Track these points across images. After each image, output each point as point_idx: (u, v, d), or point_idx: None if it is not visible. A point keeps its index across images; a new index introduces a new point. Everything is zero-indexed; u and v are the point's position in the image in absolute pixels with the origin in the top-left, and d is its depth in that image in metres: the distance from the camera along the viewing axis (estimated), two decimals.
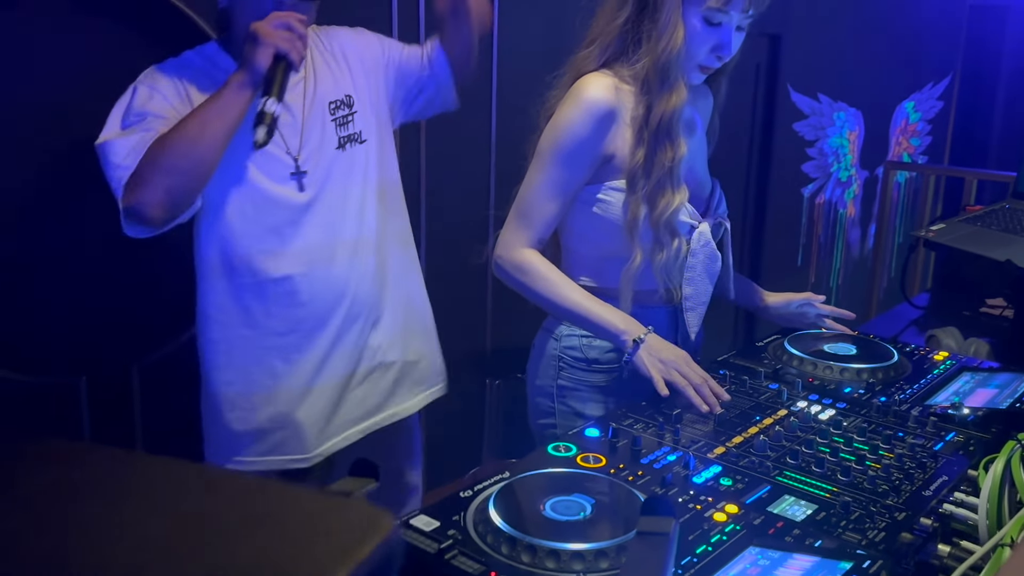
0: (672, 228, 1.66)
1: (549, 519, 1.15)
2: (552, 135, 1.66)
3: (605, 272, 1.72)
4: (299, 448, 1.77)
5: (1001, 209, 2.21)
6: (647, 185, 1.64)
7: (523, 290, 1.71)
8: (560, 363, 1.75)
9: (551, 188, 1.67)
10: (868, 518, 1.19)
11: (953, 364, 1.76)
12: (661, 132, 1.63)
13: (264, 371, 1.83)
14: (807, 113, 4.55)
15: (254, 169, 1.75)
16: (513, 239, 1.69)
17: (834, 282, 5.03)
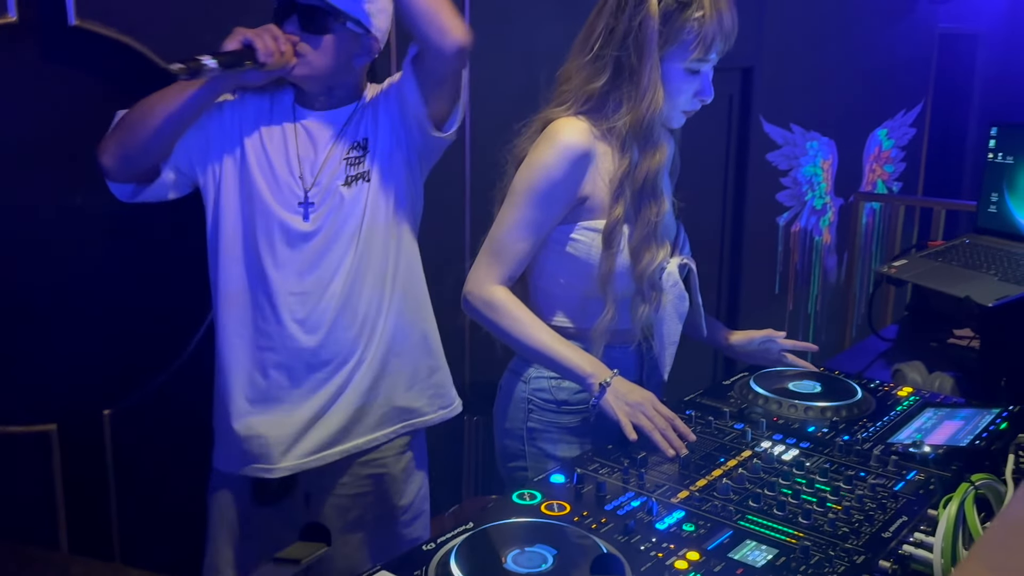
0: (655, 282, 1.69)
1: (510, 572, 1.15)
2: (526, 176, 1.68)
3: (575, 312, 1.74)
4: (267, 460, 1.87)
5: (961, 244, 2.25)
6: (632, 240, 1.67)
7: (491, 327, 1.72)
8: (529, 405, 1.76)
9: (524, 228, 1.68)
10: (827, 562, 1.20)
11: (917, 400, 1.77)
12: (646, 190, 1.67)
13: (247, 382, 1.90)
14: (780, 143, 4.60)
15: (269, 193, 1.86)
16: (484, 276, 1.70)
17: (812, 309, 5.06)
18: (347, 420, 1.88)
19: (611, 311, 1.70)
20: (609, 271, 1.67)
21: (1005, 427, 1.59)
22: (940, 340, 2.39)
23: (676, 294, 1.74)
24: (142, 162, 1.86)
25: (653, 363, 1.81)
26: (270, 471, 1.87)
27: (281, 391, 1.87)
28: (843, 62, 4.85)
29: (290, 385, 1.86)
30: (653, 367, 1.81)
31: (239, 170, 1.89)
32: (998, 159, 2.18)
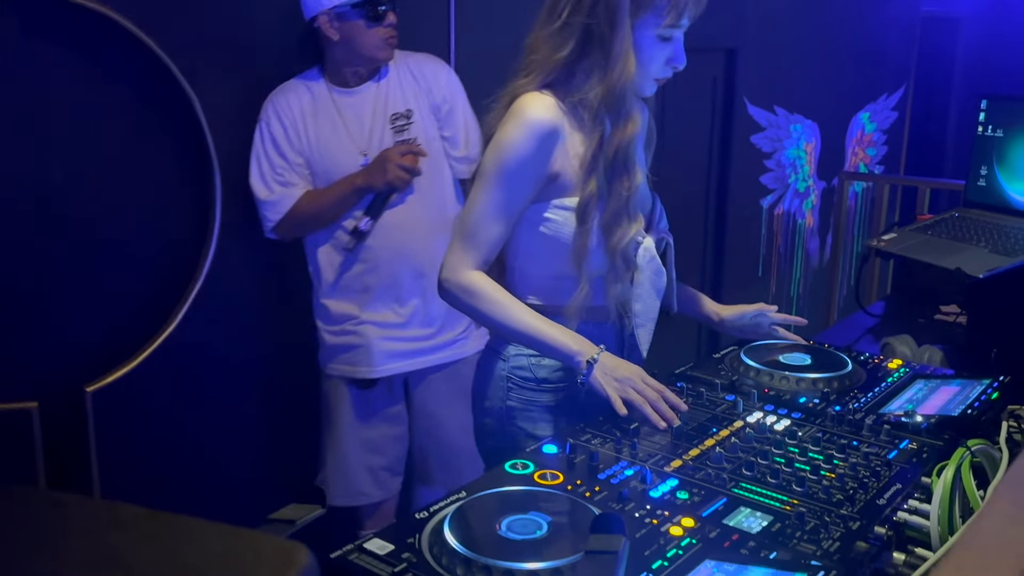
0: (628, 258, 1.66)
1: (504, 539, 1.14)
2: (495, 155, 1.64)
3: (553, 291, 1.71)
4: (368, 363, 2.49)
5: (951, 217, 2.24)
6: (603, 216, 1.64)
7: (471, 312, 1.69)
8: (508, 383, 1.73)
9: (495, 209, 1.64)
10: (823, 528, 1.19)
11: (907, 372, 1.77)
12: (618, 163, 1.62)
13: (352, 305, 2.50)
14: (764, 126, 4.59)
15: (337, 173, 2.44)
16: (458, 261, 1.66)
17: (794, 291, 5.08)
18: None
19: (585, 288, 1.66)
20: (583, 248, 1.64)
21: (996, 397, 1.59)
22: (927, 316, 2.40)
23: (653, 269, 1.71)
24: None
25: (634, 341, 1.77)
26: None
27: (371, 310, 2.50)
28: (827, 44, 4.85)
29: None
30: (634, 344, 1.78)
31: (311, 162, 2.45)
32: (987, 132, 2.18)
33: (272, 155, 2.42)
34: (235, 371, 2.56)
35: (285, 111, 2.41)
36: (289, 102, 2.41)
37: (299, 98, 2.42)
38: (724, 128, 4.33)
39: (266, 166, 2.42)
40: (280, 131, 2.41)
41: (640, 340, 1.73)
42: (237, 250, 2.49)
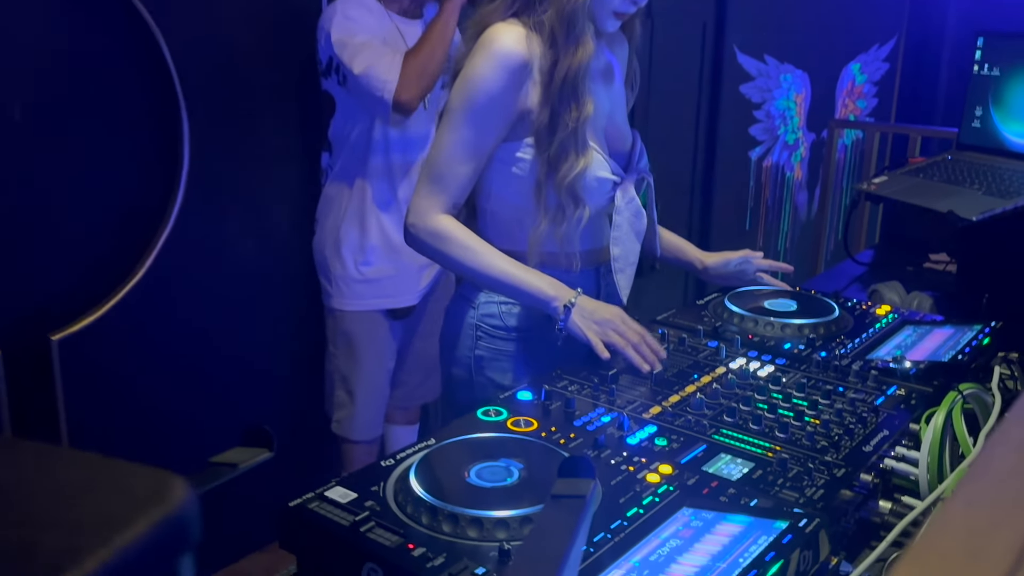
0: (575, 194, 1.56)
1: (473, 486, 1.08)
2: (462, 91, 1.55)
3: (525, 236, 1.62)
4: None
5: (944, 160, 2.18)
6: (551, 147, 1.54)
7: (441, 259, 1.61)
8: (478, 332, 1.66)
9: (464, 149, 1.56)
10: (806, 475, 1.14)
11: (895, 318, 1.72)
12: (566, 89, 1.52)
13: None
14: (754, 75, 4.50)
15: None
16: (426, 205, 1.58)
17: (782, 245, 5.02)
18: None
19: (543, 223, 1.58)
20: (539, 180, 1.56)
21: (988, 343, 1.54)
22: (916, 264, 2.34)
23: (633, 211, 1.63)
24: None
25: (611, 288, 1.70)
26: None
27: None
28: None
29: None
30: (612, 290, 1.71)
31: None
32: (983, 71, 2.10)
33: (363, 34, 2.40)
34: (202, 318, 2.50)
35: (359, 16, 2.42)
36: (361, 13, 2.43)
37: (365, 13, 2.45)
38: (713, 77, 4.23)
39: (359, 42, 2.38)
40: (363, 17, 2.42)
41: (619, 286, 1.66)
42: (206, 196, 2.42)
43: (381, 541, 0.98)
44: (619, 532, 1.01)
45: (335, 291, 2.59)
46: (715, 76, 4.24)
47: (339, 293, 2.59)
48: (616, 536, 1.00)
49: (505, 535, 1.00)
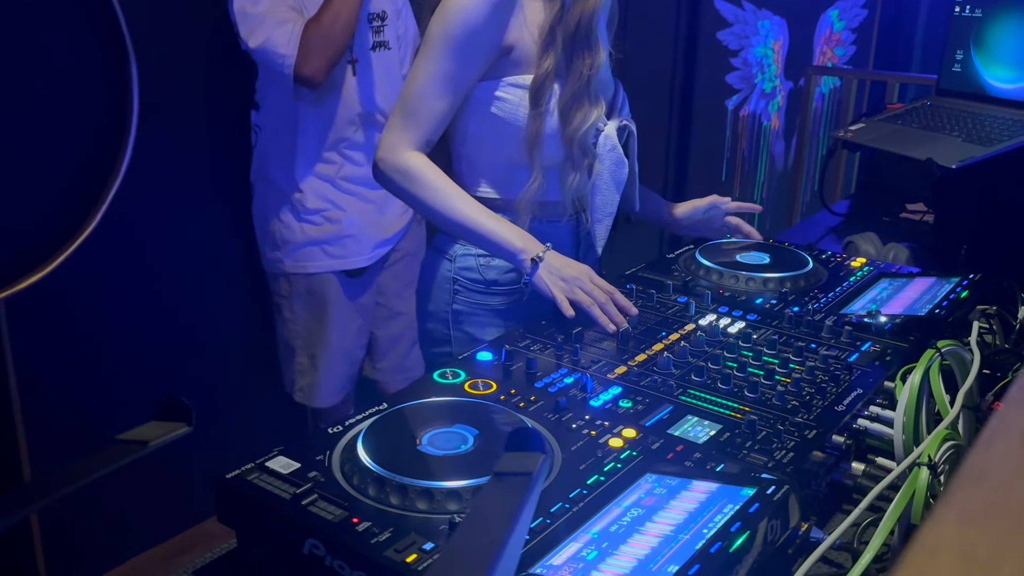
0: (586, 146, 1.51)
1: (424, 455, 1.02)
2: (442, 21, 1.46)
3: (504, 182, 1.56)
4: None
5: (922, 106, 2.11)
6: (561, 97, 1.48)
7: (408, 198, 1.53)
8: (455, 285, 1.60)
9: (441, 83, 1.47)
10: (775, 437, 1.08)
11: (871, 271, 1.66)
12: (580, 37, 1.45)
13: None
14: (731, 21, 4.41)
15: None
16: (397, 140, 1.50)
17: (759, 196, 4.97)
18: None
19: (538, 179, 1.52)
20: (536, 133, 1.49)
21: (966, 295, 1.48)
22: (892, 215, 2.29)
23: (614, 159, 1.56)
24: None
25: (590, 240, 1.64)
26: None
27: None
28: None
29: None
30: (590, 243, 1.65)
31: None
32: (965, 13, 2.02)
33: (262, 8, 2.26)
34: (149, 279, 2.43)
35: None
36: None
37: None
38: (690, 22, 4.13)
39: (260, 10, 2.24)
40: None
41: (596, 236, 1.60)
42: (157, 147, 2.32)
43: (323, 515, 0.92)
44: (578, 502, 0.95)
45: (284, 254, 2.46)
46: (692, 22, 4.14)
47: (289, 256, 2.46)
48: (575, 506, 0.94)
49: (457, 507, 0.94)
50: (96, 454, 0.63)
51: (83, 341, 2.27)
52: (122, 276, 2.34)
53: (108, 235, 2.20)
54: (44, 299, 2.13)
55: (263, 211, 2.47)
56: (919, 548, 0.27)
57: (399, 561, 0.85)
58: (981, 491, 0.29)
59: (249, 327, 2.72)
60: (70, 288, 2.18)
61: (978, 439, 0.34)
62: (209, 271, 2.57)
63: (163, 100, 2.31)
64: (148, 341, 2.44)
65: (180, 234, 2.49)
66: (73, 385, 2.24)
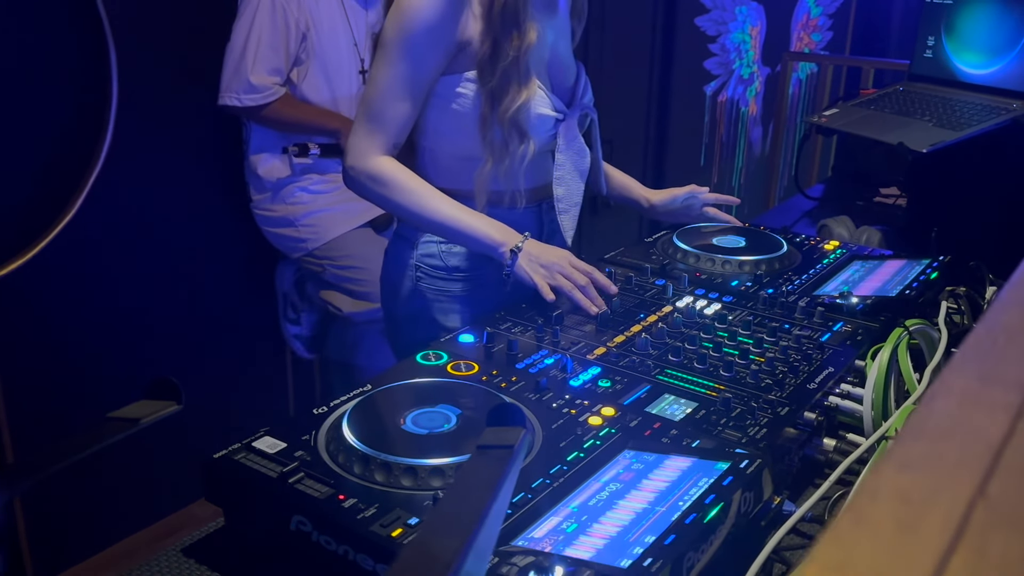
0: (519, 127, 1.49)
1: (408, 433, 1.05)
2: (397, 23, 1.46)
3: (467, 174, 1.56)
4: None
5: (895, 92, 2.14)
6: (493, 79, 1.47)
7: (382, 203, 1.54)
8: (418, 272, 1.61)
9: (402, 85, 1.48)
10: (750, 415, 1.12)
11: (844, 253, 1.70)
12: (507, 16, 1.45)
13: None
14: (709, 7, 4.43)
15: (346, 60, 2.53)
16: (365, 146, 1.50)
17: (736, 181, 5.00)
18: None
19: (490, 162, 1.52)
20: (483, 116, 1.50)
21: (935, 277, 1.52)
22: (866, 199, 2.33)
23: (575, 149, 1.57)
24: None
25: (554, 227, 1.65)
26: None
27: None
28: None
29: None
30: (554, 231, 1.65)
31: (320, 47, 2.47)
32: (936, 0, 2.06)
33: (271, 35, 2.38)
34: (134, 262, 2.43)
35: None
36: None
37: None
38: (668, 8, 4.15)
39: (263, 44, 2.37)
40: (286, 9, 2.37)
41: (563, 227, 1.61)
42: (137, 133, 2.32)
43: (310, 492, 0.95)
44: (558, 477, 0.98)
45: (309, 232, 2.55)
46: (669, 8, 4.16)
47: (313, 231, 2.55)
48: (555, 482, 0.97)
49: (440, 483, 0.96)
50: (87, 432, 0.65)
51: (63, 330, 2.27)
52: (102, 264, 2.34)
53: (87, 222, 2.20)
54: (23, 288, 2.13)
55: (268, 211, 2.58)
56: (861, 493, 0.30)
57: (384, 536, 0.88)
58: (919, 444, 0.32)
59: (231, 312, 2.73)
60: (50, 276, 2.18)
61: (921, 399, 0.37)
62: (190, 258, 2.58)
63: (143, 85, 2.30)
64: (129, 329, 2.44)
65: (161, 221, 2.49)
66: (54, 374, 2.24)
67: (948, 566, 0.26)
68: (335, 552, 0.91)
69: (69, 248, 2.18)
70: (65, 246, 2.16)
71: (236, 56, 2.37)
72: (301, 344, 2.85)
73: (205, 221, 2.61)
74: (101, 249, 2.32)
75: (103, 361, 2.35)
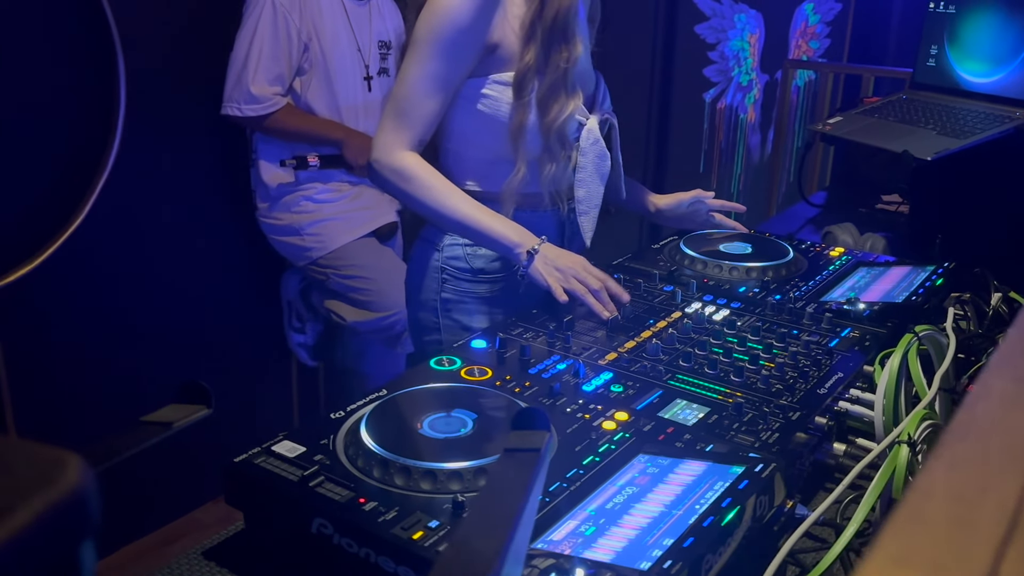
0: (563, 137, 1.54)
1: (426, 437, 1.06)
2: (429, 21, 1.49)
3: (489, 176, 1.59)
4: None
5: (898, 100, 2.16)
6: (539, 89, 1.51)
7: (404, 198, 1.57)
8: (443, 275, 1.63)
9: (431, 82, 1.50)
10: (761, 419, 1.13)
11: (849, 260, 1.72)
12: (556, 30, 1.48)
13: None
14: (708, 15, 4.45)
15: (350, 68, 2.56)
16: (391, 141, 1.53)
17: (735, 188, 5.03)
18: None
19: (522, 170, 1.55)
20: (520, 125, 1.52)
21: (941, 283, 1.54)
22: (868, 205, 2.34)
23: (597, 153, 1.60)
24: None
25: (575, 228, 1.67)
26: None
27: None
28: None
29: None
30: (575, 232, 1.68)
31: (323, 56, 2.49)
32: (939, 9, 2.08)
33: (273, 45, 2.40)
34: (143, 267, 2.44)
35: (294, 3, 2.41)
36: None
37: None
38: (669, 16, 4.17)
39: (265, 54, 2.39)
40: (288, 19, 2.39)
41: (583, 228, 1.63)
42: (144, 141, 2.33)
43: (331, 496, 0.96)
44: (575, 481, 0.99)
45: (314, 241, 2.56)
46: (670, 16, 4.18)
47: (318, 240, 2.56)
48: (572, 485, 0.98)
49: (459, 487, 0.97)
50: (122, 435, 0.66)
51: (70, 336, 2.28)
52: (109, 271, 2.35)
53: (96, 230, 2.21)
54: (31, 294, 2.14)
55: (274, 220, 2.61)
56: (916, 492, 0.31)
57: (406, 538, 0.89)
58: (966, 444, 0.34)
59: (237, 319, 2.74)
60: (57, 283, 2.19)
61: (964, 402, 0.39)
62: (196, 265, 2.59)
63: (151, 93, 2.32)
64: (135, 335, 2.45)
65: (167, 228, 2.50)
66: (61, 380, 2.25)
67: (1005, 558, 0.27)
68: (356, 554, 0.92)
69: (76, 255, 2.19)
70: (72, 253, 2.18)
71: (238, 66, 2.38)
72: (305, 352, 2.86)
73: (211, 229, 2.62)
74: (108, 256, 2.32)
75: (110, 367, 2.36)
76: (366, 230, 2.62)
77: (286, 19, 2.38)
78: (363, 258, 2.59)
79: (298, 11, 2.40)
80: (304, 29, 2.41)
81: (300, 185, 2.53)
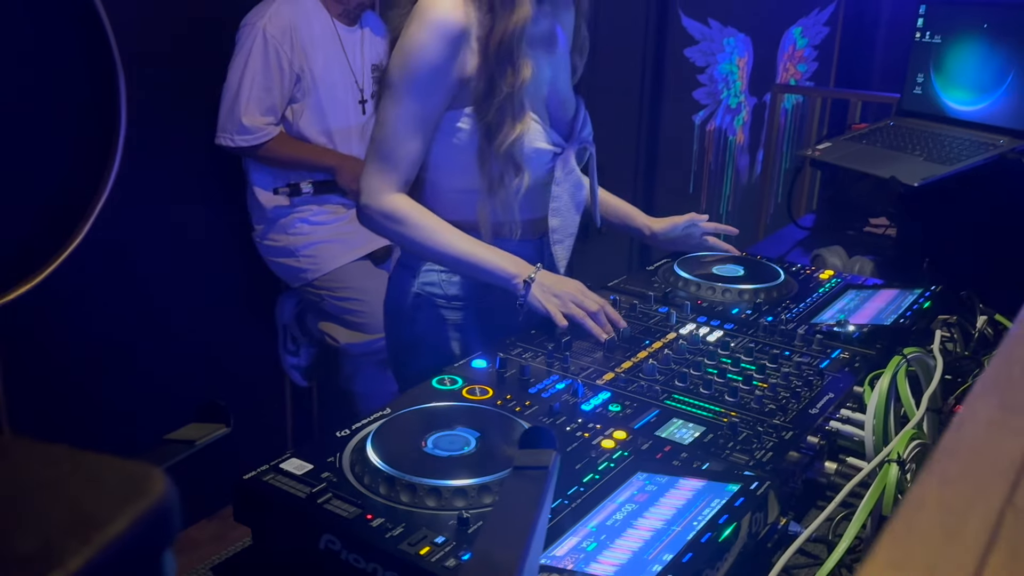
0: (515, 161, 1.53)
1: (430, 455, 1.08)
2: (402, 63, 1.51)
3: (464, 205, 1.60)
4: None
5: (886, 127, 2.22)
6: (488, 112, 1.52)
7: (397, 239, 1.59)
8: (419, 300, 1.65)
9: (410, 123, 1.52)
10: (755, 438, 1.16)
11: (838, 282, 1.76)
12: (503, 54, 1.49)
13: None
14: (697, 39, 4.52)
15: (344, 93, 2.60)
16: (377, 185, 1.54)
17: (724, 209, 5.08)
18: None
19: (487, 193, 1.56)
20: (478, 150, 1.54)
21: (928, 306, 1.58)
22: (856, 229, 2.39)
23: (573, 182, 1.62)
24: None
25: (553, 257, 1.69)
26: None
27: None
28: None
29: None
30: (552, 262, 1.69)
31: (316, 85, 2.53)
32: (925, 39, 2.14)
33: (264, 77, 2.43)
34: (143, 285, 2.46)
35: (287, 30, 2.43)
36: (295, 23, 2.44)
37: (306, 20, 2.48)
38: (658, 40, 4.24)
39: (256, 85, 2.43)
40: (279, 51, 2.43)
41: (557, 257, 1.66)
42: (143, 162, 2.35)
43: (339, 512, 0.98)
44: (576, 498, 1.02)
45: (309, 263, 2.59)
46: (659, 39, 4.24)
47: (313, 263, 2.59)
48: (573, 502, 1.01)
49: (464, 504, 1.00)
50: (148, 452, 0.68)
51: (68, 354, 2.29)
52: (107, 290, 2.36)
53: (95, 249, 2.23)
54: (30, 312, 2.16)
55: (269, 242, 2.64)
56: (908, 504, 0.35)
57: (413, 554, 0.92)
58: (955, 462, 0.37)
59: (232, 339, 2.76)
60: (57, 301, 2.20)
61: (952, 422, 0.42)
62: (193, 285, 2.61)
63: (151, 114, 2.34)
64: (133, 353, 2.46)
65: (166, 248, 2.52)
66: (60, 398, 2.26)
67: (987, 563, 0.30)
68: (364, 570, 0.95)
69: (75, 274, 2.21)
70: (71, 272, 2.20)
71: (230, 97, 2.42)
72: (298, 373, 2.88)
73: (208, 249, 2.64)
74: (107, 275, 2.34)
75: (107, 385, 2.38)
76: (361, 253, 2.65)
77: (277, 51, 2.41)
78: (357, 280, 2.62)
79: (289, 42, 2.43)
80: (296, 60, 2.45)
81: (296, 207, 2.56)
